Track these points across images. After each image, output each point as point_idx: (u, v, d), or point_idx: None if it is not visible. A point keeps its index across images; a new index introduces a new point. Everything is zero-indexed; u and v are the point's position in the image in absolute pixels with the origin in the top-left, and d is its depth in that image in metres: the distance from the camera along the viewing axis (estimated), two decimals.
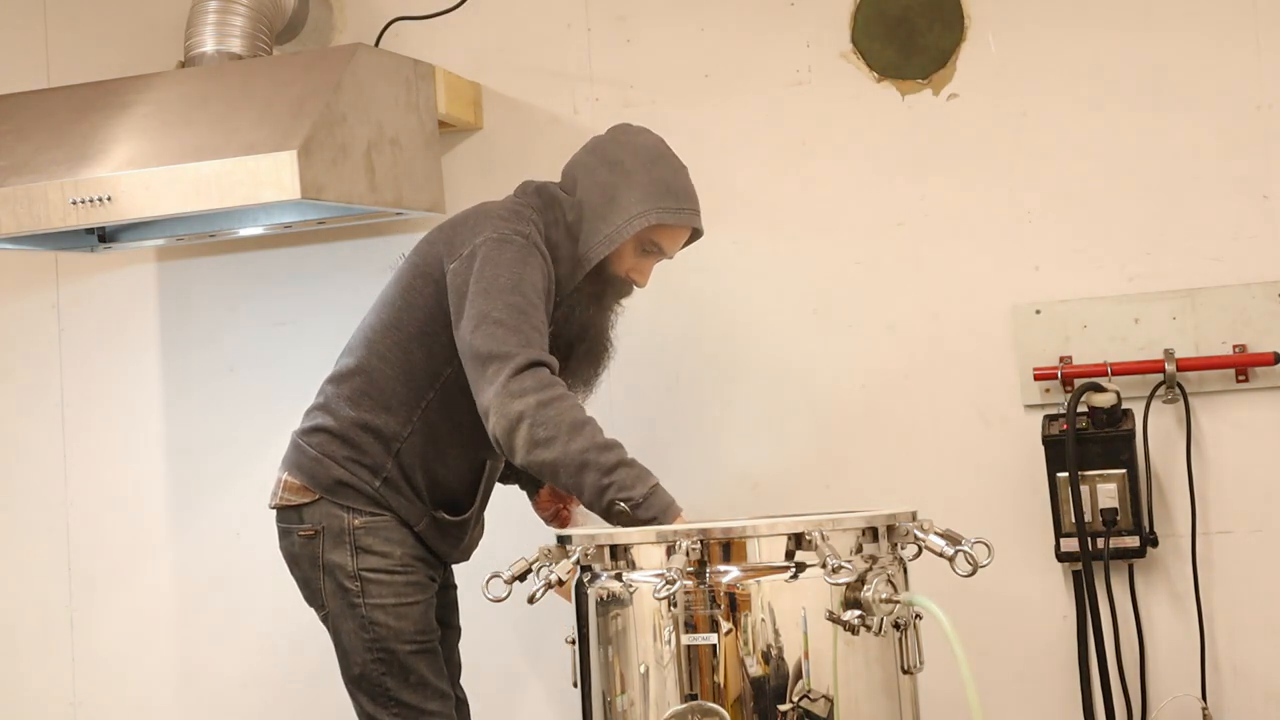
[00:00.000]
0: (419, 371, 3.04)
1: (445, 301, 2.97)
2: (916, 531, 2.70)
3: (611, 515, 2.78)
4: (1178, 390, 3.47)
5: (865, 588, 2.59)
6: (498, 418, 2.79)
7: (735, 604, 2.59)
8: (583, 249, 3.04)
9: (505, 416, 2.78)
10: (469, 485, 3.13)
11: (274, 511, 3.15)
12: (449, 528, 3.11)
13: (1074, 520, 3.44)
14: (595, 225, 3.03)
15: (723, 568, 2.60)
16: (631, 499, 2.75)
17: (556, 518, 3.43)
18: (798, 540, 2.60)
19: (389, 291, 3.13)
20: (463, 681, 3.37)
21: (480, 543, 3.30)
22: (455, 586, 3.31)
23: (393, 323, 3.08)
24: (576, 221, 3.05)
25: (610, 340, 3.17)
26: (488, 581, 2.75)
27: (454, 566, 3.29)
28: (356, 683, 3.07)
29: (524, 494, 3.51)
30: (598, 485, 2.75)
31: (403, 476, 3.06)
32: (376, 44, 3.93)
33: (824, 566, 2.52)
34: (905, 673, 2.69)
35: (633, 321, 3.70)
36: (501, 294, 2.87)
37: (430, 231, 3.14)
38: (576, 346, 3.07)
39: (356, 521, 3.03)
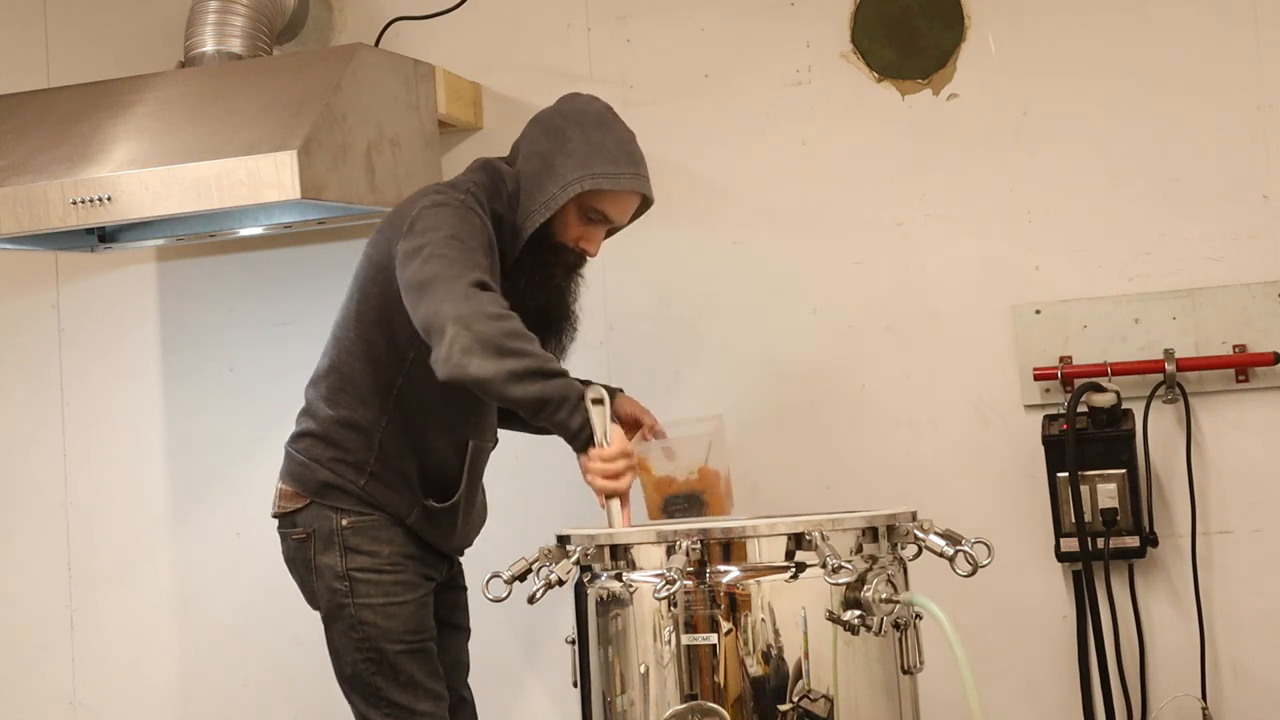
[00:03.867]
0: (384, 359, 3.04)
1: (397, 285, 2.95)
2: (916, 531, 2.70)
3: (585, 400, 2.76)
4: (1178, 390, 3.47)
5: (865, 588, 2.59)
6: (457, 330, 2.71)
7: (735, 604, 2.59)
8: (520, 217, 3.03)
9: (465, 329, 2.72)
10: (455, 468, 3.10)
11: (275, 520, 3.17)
12: (439, 516, 3.08)
13: (1074, 520, 3.44)
14: (532, 194, 3.03)
15: (723, 568, 2.60)
16: (590, 383, 2.80)
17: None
18: (798, 540, 2.60)
19: (349, 287, 3.13)
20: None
21: (483, 532, 3.27)
22: (465, 588, 3.29)
23: (354, 315, 3.08)
24: (515, 192, 3.05)
25: (572, 312, 3.14)
26: (488, 581, 2.75)
27: (463, 568, 3.27)
28: (349, 683, 3.07)
29: (522, 494, 3.50)
30: (566, 382, 2.75)
31: (389, 467, 3.04)
32: (376, 44, 3.93)
33: (824, 566, 2.52)
34: (905, 673, 2.69)
35: (632, 321, 3.71)
36: (441, 240, 2.86)
37: (379, 222, 3.13)
38: (526, 316, 3.00)
39: (344, 522, 3.03)
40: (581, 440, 2.78)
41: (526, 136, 3.13)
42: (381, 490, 3.04)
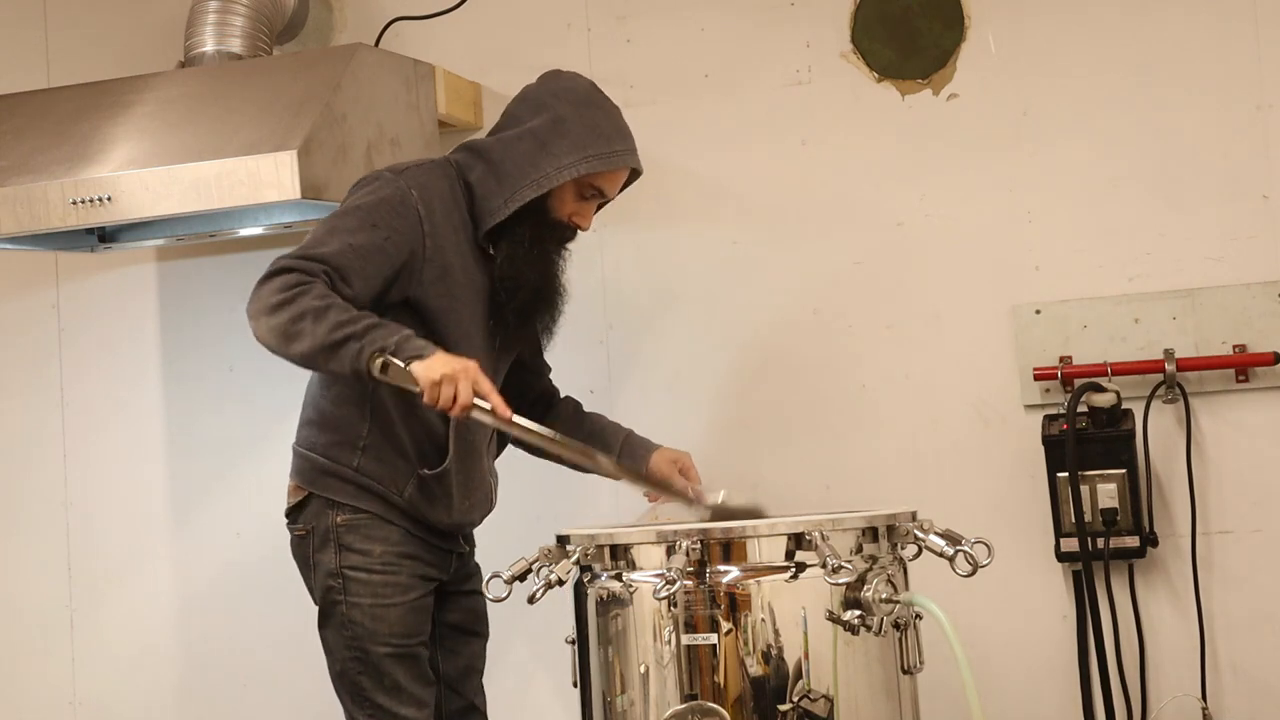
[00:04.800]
0: None
1: None
2: (916, 531, 2.70)
3: (374, 374, 2.78)
4: (1178, 390, 3.47)
5: (865, 588, 2.60)
6: (254, 324, 2.87)
7: (735, 604, 2.59)
8: (507, 191, 3.06)
9: (256, 322, 2.86)
10: (443, 435, 3.09)
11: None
12: (432, 485, 3.06)
13: (1074, 520, 3.44)
14: (524, 169, 3.05)
15: (723, 568, 2.60)
16: (386, 347, 2.78)
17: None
18: (798, 540, 2.60)
19: None
20: None
21: (484, 532, 3.26)
22: (482, 593, 3.26)
23: None
24: (501, 166, 3.07)
25: (561, 284, 3.17)
26: (488, 581, 2.76)
27: (480, 571, 3.25)
28: (338, 679, 3.06)
29: (522, 494, 3.49)
30: (354, 351, 2.79)
31: (381, 437, 3.03)
32: (376, 44, 3.93)
33: (824, 566, 2.53)
34: (905, 673, 2.69)
35: (632, 320, 3.70)
36: (324, 222, 2.96)
37: None
38: (522, 290, 3.08)
39: (339, 519, 3.03)
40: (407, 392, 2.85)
41: (513, 114, 3.15)
42: (374, 465, 3.03)
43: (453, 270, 3.03)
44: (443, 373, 2.77)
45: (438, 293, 3.01)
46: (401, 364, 2.76)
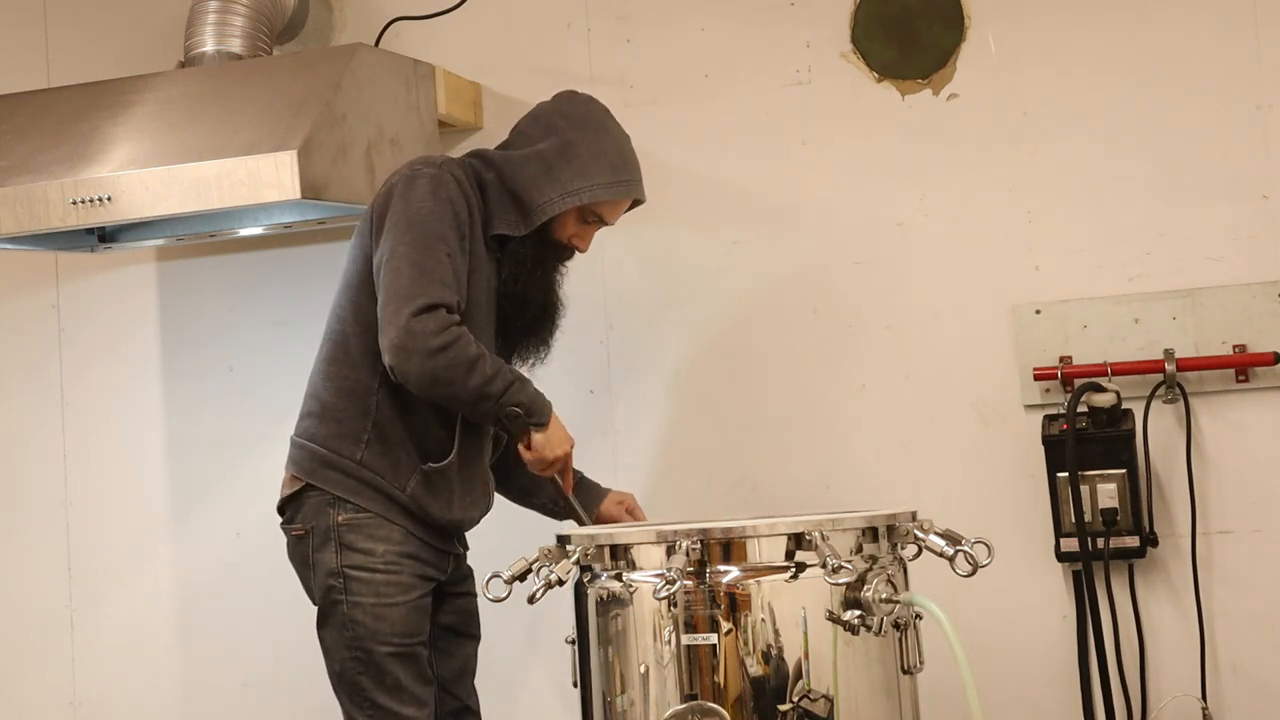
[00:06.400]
0: (371, 320, 3.05)
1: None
2: (916, 531, 2.70)
3: (504, 421, 3.01)
4: (1178, 390, 3.47)
5: (865, 588, 2.60)
6: (396, 357, 2.91)
7: (735, 604, 2.59)
8: (522, 213, 3.11)
9: (403, 357, 2.91)
10: (447, 428, 3.10)
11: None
12: (436, 479, 3.06)
13: (1074, 520, 3.44)
14: (529, 193, 3.10)
15: (723, 568, 2.60)
16: (521, 404, 2.98)
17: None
18: (798, 540, 2.60)
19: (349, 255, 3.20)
20: None
21: (484, 532, 3.26)
22: (475, 594, 3.27)
23: (345, 283, 3.14)
24: (513, 182, 3.11)
25: (559, 300, 3.24)
26: (488, 581, 2.76)
27: (474, 573, 3.25)
28: (338, 679, 3.07)
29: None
30: (494, 408, 2.97)
31: (385, 432, 3.04)
32: (376, 44, 3.93)
33: (824, 566, 2.53)
34: (905, 673, 2.69)
35: (633, 321, 3.71)
36: (409, 229, 2.98)
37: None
38: (530, 308, 3.16)
39: (340, 518, 3.03)
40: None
41: (523, 132, 3.18)
42: (378, 459, 3.04)
43: (477, 267, 3.08)
44: (564, 451, 3.07)
45: (469, 283, 3.04)
46: (529, 423, 3.01)
